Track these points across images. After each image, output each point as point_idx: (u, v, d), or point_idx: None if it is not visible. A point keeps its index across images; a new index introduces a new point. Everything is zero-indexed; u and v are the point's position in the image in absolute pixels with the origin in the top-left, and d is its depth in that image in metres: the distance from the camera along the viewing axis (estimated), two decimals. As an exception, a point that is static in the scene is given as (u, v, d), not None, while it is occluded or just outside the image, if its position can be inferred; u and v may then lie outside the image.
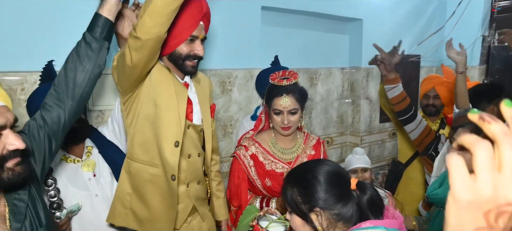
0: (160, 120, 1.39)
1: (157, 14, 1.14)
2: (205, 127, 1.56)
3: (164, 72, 1.41)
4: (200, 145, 1.59)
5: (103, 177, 1.65)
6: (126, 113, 1.43)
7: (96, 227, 1.61)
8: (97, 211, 1.60)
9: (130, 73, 1.28)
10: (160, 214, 1.47)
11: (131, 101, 1.40)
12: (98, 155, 1.66)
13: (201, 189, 1.61)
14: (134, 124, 1.41)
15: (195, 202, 1.58)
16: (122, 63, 1.28)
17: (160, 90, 1.38)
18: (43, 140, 1.13)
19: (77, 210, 1.54)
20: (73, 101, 1.16)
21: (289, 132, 1.65)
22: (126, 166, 1.49)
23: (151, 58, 1.28)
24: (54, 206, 1.50)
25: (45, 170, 1.15)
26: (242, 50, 2.41)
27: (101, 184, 1.63)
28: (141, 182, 1.45)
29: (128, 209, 1.49)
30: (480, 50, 3.53)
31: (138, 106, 1.39)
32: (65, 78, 1.16)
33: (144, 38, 1.18)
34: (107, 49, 1.23)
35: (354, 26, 3.11)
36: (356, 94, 3.18)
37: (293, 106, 1.58)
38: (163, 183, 1.44)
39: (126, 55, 1.23)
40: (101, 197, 1.62)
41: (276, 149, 1.69)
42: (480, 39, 3.51)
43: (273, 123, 1.65)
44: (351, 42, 3.17)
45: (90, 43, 1.17)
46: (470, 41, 3.53)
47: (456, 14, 3.53)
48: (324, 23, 2.93)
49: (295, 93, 1.59)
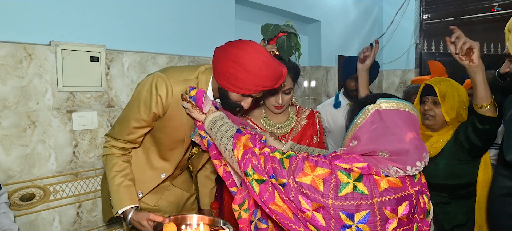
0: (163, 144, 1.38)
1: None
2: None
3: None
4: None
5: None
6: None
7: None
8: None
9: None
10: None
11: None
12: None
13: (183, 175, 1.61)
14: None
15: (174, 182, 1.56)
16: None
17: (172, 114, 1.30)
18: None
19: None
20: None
21: (282, 110, 1.65)
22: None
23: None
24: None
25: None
26: (217, 42, 2.35)
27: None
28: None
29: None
30: (414, 56, 4.02)
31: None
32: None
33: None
34: None
35: (313, 27, 3.30)
36: (317, 91, 3.33)
37: (288, 86, 1.59)
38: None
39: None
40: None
41: (268, 125, 1.67)
42: (414, 46, 4.01)
43: (265, 100, 1.63)
44: (310, 42, 3.35)
45: None
46: (406, 47, 4.03)
47: (393, 22, 4.00)
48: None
49: (290, 72, 1.60)
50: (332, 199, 0.88)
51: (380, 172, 0.89)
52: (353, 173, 0.90)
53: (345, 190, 0.88)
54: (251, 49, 1.15)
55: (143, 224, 1.22)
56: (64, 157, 1.67)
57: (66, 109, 1.66)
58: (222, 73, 1.19)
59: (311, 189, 0.90)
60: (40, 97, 1.57)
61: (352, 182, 0.88)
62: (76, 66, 1.67)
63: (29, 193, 1.57)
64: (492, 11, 3.55)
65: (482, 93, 1.33)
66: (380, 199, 0.87)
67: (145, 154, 1.40)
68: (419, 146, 0.88)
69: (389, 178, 0.90)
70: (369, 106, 0.92)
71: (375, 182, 0.89)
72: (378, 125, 0.89)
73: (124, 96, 1.86)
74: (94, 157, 1.77)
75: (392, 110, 0.90)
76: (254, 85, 1.17)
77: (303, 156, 0.96)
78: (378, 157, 0.90)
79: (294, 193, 0.92)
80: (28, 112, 1.54)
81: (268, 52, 1.18)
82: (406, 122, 0.89)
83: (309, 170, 0.92)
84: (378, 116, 0.90)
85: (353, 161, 0.90)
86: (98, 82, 1.76)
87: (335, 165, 0.91)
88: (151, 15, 1.96)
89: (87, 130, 1.73)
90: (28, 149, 1.55)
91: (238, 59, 1.14)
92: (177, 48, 2.10)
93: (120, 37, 1.83)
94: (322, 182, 0.90)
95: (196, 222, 1.26)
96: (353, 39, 3.67)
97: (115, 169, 1.29)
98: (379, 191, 0.88)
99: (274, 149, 1.03)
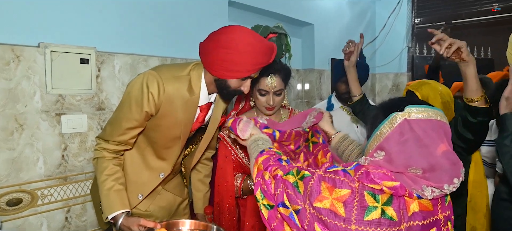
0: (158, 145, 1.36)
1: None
2: (203, 139, 1.48)
3: (180, 97, 1.27)
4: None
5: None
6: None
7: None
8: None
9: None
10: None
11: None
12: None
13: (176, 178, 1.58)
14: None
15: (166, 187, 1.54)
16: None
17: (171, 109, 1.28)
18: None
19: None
20: None
21: (273, 112, 1.63)
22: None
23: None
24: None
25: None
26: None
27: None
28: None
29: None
30: (406, 59, 4.06)
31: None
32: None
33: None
34: None
35: (307, 30, 3.31)
36: (311, 94, 3.34)
37: (279, 87, 1.57)
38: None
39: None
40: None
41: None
42: (406, 49, 4.04)
43: (256, 102, 1.62)
44: (303, 45, 3.35)
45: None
46: (398, 51, 4.06)
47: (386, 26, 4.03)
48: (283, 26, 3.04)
49: (281, 73, 1.59)
50: (355, 224, 0.79)
51: (413, 193, 0.80)
52: (382, 195, 0.80)
53: (372, 215, 0.78)
54: (238, 30, 1.17)
55: (133, 229, 1.20)
56: (52, 161, 1.63)
57: (55, 112, 1.63)
58: (216, 63, 1.18)
59: (330, 215, 0.81)
60: (28, 99, 1.54)
61: (380, 207, 0.79)
62: (66, 69, 1.64)
63: (16, 197, 1.53)
64: (492, 11, 3.59)
65: (474, 86, 1.33)
66: (409, 224, 0.79)
67: (141, 156, 1.38)
68: (455, 160, 0.80)
69: (421, 200, 0.81)
70: (398, 115, 0.82)
71: (405, 204, 0.80)
72: (409, 137, 0.80)
73: (115, 99, 1.83)
74: (84, 161, 1.74)
75: (423, 120, 0.80)
76: (250, 64, 1.17)
77: (319, 176, 0.86)
78: (410, 175, 0.81)
79: (309, 220, 0.83)
80: (16, 115, 1.51)
81: (254, 31, 1.19)
82: (438, 133, 0.80)
83: (327, 192, 0.83)
84: (408, 126, 0.80)
85: (384, 178, 0.80)
86: (88, 85, 1.73)
87: (363, 185, 0.82)
88: (143, 17, 1.94)
89: (77, 133, 1.70)
90: (16, 153, 1.52)
91: (228, 44, 1.15)
92: (170, 51, 2.08)
93: (111, 39, 1.81)
94: (343, 205, 0.80)
95: (188, 227, 1.25)
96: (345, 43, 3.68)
97: (106, 173, 1.26)
98: (408, 216, 0.80)
99: (288, 170, 0.92)
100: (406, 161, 0.80)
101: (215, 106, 1.42)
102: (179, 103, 1.25)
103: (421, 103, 0.83)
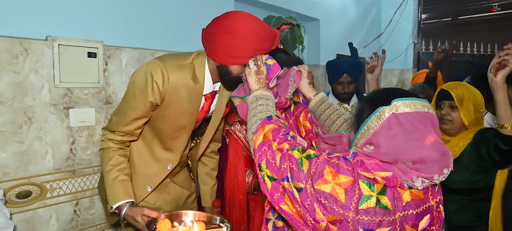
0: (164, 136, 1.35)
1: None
2: (208, 130, 1.47)
3: (184, 87, 1.26)
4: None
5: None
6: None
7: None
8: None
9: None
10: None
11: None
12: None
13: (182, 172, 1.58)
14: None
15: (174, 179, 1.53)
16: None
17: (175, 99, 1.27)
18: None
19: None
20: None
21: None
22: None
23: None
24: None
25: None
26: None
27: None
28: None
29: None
30: (412, 56, 4.03)
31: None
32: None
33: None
34: None
35: (312, 26, 3.29)
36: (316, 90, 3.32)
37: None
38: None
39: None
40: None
41: None
42: (412, 46, 4.01)
43: None
44: (309, 41, 3.34)
45: None
46: (404, 47, 4.03)
47: (392, 22, 4.00)
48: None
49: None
50: (353, 212, 0.80)
51: (404, 184, 0.81)
52: (377, 185, 0.81)
53: (367, 204, 0.80)
54: (241, 15, 1.17)
55: (137, 219, 1.20)
56: (61, 154, 1.64)
57: (63, 106, 1.63)
58: (219, 49, 1.18)
59: (330, 199, 0.81)
60: (36, 93, 1.55)
61: (375, 195, 0.80)
62: (73, 62, 1.64)
63: (26, 190, 1.54)
64: (492, 11, 3.56)
65: (503, 112, 1.33)
66: (403, 214, 0.80)
67: (148, 147, 1.38)
68: (444, 151, 0.80)
69: (413, 190, 0.82)
70: (385, 109, 0.81)
71: (399, 195, 0.81)
72: (397, 131, 0.80)
73: (122, 93, 1.83)
74: (92, 154, 1.75)
75: (411, 113, 0.80)
76: (253, 50, 1.17)
77: (324, 159, 0.86)
78: (401, 166, 0.82)
79: (310, 200, 0.84)
80: (24, 109, 1.52)
81: (256, 17, 1.18)
82: (426, 125, 0.80)
83: (330, 176, 0.83)
84: (396, 120, 0.80)
85: (377, 169, 0.81)
86: (96, 79, 1.73)
87: (358, 173, 0.82)
88: (150, 11, 1.94)
89: (85, 126, 1.71)
90: (24, 146, 1.53)
91: (232, 29, 1.14)
92: (176, 45, 2.08)
93: (118, 33, 1.81)
94: (344, 192, 0.81)
95: (191, 218, 1.24)
96: (351, 38, 3.65)
97: (111, 163, 1.26)
98: (402, 205, 0.80)
99: (294, 145, 0.92)
100: (396, 155, 0.81)
101: (220, 96, 1.41)
102: (184, 92, 1.25)
103: (406, 96, 0.83)
